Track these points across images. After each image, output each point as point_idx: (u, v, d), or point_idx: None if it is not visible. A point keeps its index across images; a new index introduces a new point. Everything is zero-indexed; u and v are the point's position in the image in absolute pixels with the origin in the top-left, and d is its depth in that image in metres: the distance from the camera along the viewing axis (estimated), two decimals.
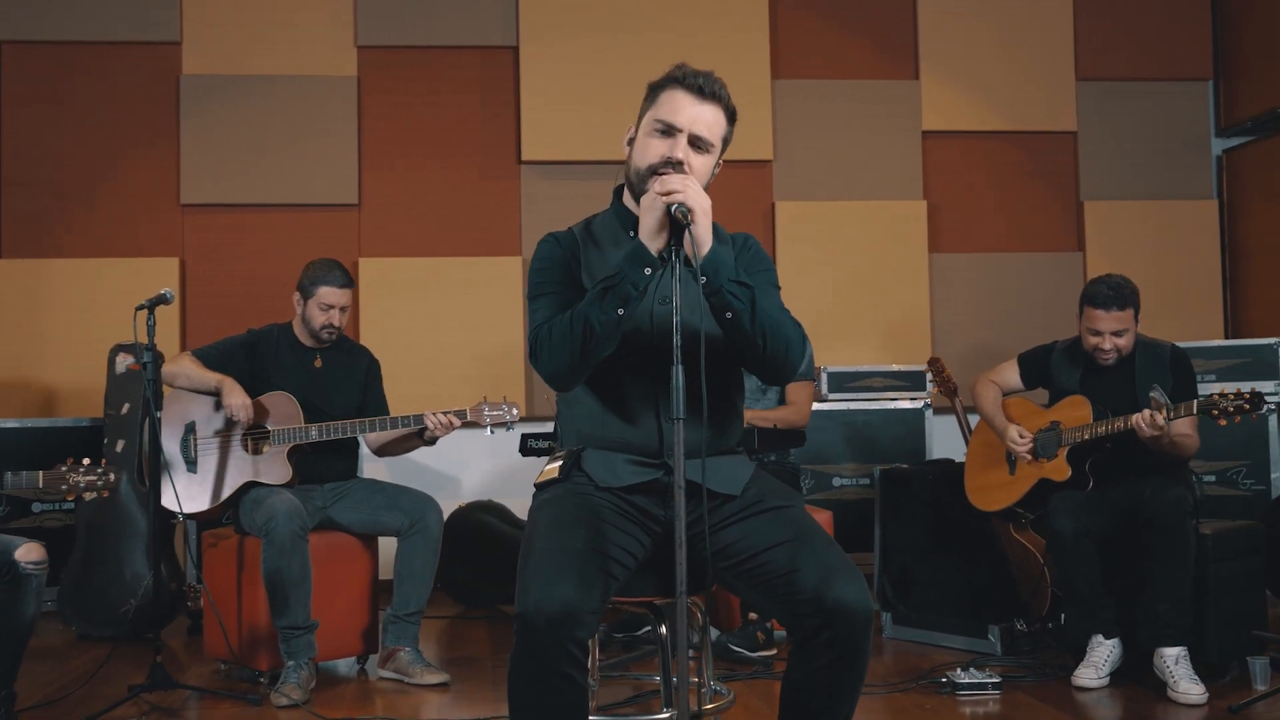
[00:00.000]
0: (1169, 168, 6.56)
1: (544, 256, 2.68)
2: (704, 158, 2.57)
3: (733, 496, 2.52)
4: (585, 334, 2.41)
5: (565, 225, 6.14)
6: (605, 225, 2.71)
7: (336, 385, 4.55)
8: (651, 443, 2.54)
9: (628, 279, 2.38)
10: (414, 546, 4.33)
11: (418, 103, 6.21)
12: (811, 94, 6.36)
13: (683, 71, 2.59)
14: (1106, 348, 4.14)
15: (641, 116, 2.64)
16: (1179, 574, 3.87)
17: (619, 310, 2.39)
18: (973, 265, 6.45)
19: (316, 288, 4.45)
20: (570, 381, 2.52)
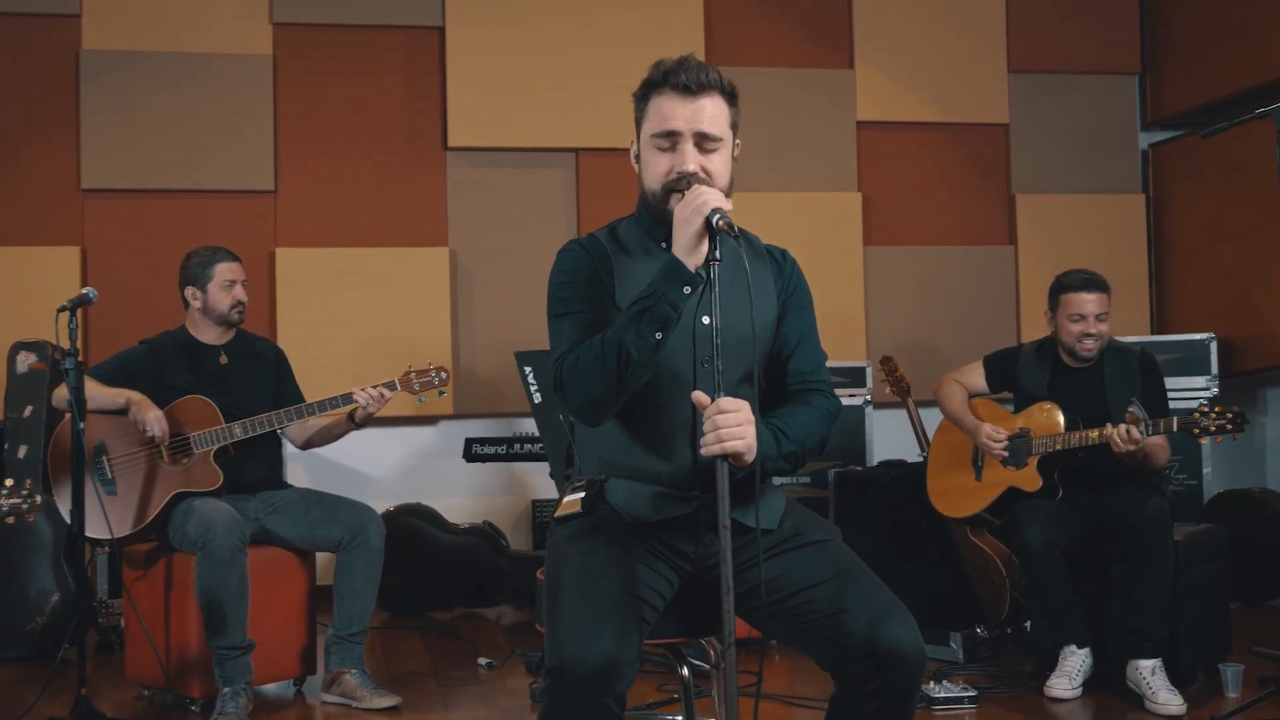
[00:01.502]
0: (1098, 161, 6.57)
1: (568, 268, 2.42)
2: (718, 156, 2.37)
3: (769, 530, 2.34)
4: (621, 362, 2.19)
5: (494, 214, 5.99)
6: (631, 232, 2.49)
7: (247, 381, 4.28)
8: (684, 474, 2.34)
9: (664, 299, 2.17)
10: (355, 561, 4.07)
11: (338, 84, 5.88)
12: (745, 82, 6.13)
13: (661, 70, 2.38)
14: (1092, 332, 4.06)
15: (638, 130, 2.44)
16: (1158, 587, 3.82)
17: (657, 334, 2.18)
18: (906, 258, 6.38)
19: (212, 269, 4.18)
20: (604, 415, 2.30)
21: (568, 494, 2.39)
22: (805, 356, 2.48)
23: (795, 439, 2.32)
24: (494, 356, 5.96)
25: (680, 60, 2.38)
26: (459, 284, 5.96)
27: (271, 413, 4.10)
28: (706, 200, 2.18)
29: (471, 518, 5.87)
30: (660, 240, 2.43)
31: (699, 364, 2.34)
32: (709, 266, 2.17)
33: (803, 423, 2.36)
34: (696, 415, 2.29)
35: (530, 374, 4.14)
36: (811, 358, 2.49)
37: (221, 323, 4.22)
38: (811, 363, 2.48)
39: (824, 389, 2.46)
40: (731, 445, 2.09)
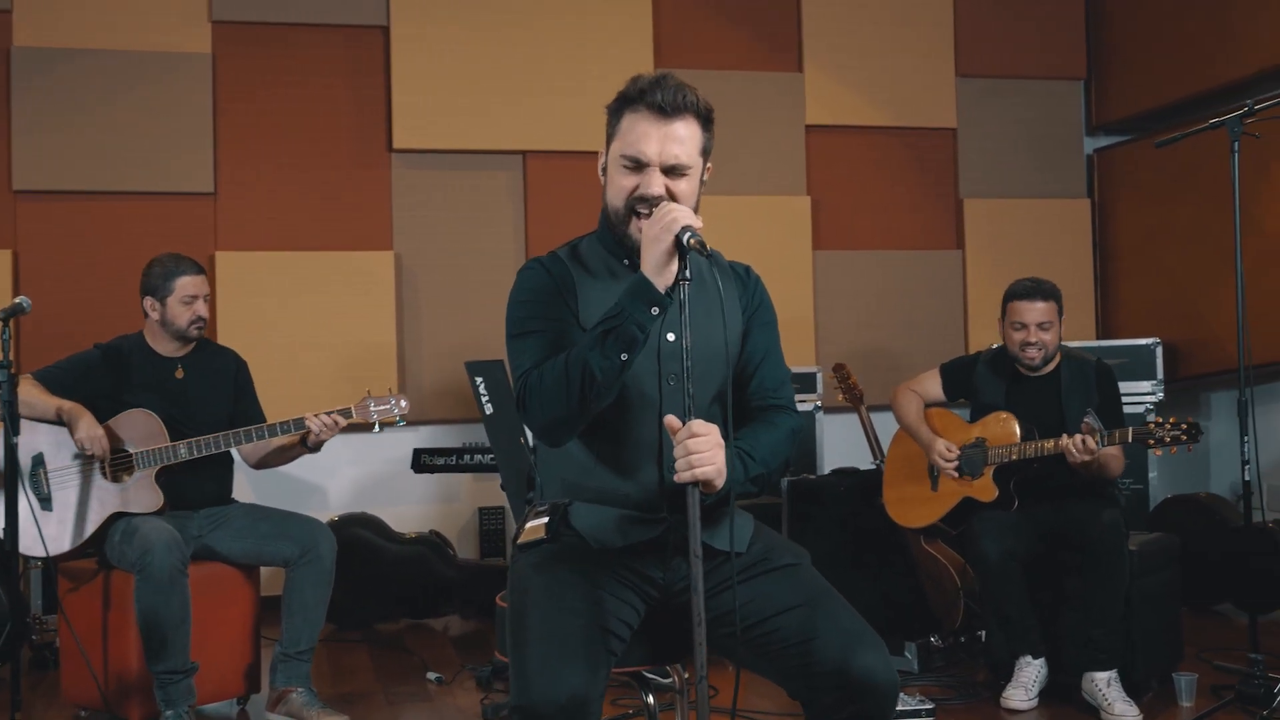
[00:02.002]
0: (1044, 166, 6.60)
1: (530, 286, 2.36)
2: (685, 182, 2.31)
3: (738, 554, 2.29)
4: (584, 382, 2.13)
5: (440, 218, 5.89)
6: (593, 251, 2.42)
7: (203, 396, 4.15)
8: (650, 495, 2.28)
9: (631, 319, 2.11)
10: (305, 578, 3.97)
11: (279, 84, 5.75)
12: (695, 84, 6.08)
13: (638, 88, 2.31)
14: (1032, 340, 4.06)
15: (608, 141, 2.37)
16: (1113, 599, 3.82)
17: (622, 355, 2.12)
18: (855, 263, 6.36)
19: (173, 282, 4.05)
20: (566, 435, 2.24)
21: (530, 519, 2.32)
22: (769, 373, 2.44)
23: (761, 460, 2.28)
24: (441, 363, 5.87)
25: (658, 78, 2.31)
26: (404, 289, 5.85)
27: (220, 434, 3.98)
28: (676, 218, 2.12)
29: (418, 527, 5.77)
30: (623, 260, 2.37)
31: (664, 381, 2.29)
32: (679, 286, 2.11)
33: (767, 443, 2.32)
34: (663, 435, 2.24)
35: (481, 385, 4.06)
36: (775, 374, 2.45)
37: (179, 338, 4.10)
38: (775, 379, 2.45)
39: (787, 405, 2.43)
40: (703, 471, 2.04)
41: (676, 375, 2.28)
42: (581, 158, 5.97)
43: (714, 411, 2.34)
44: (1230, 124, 3.73)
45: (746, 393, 2.42)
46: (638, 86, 2.31)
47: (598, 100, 6.28)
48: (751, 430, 2.33)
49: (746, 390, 2.42)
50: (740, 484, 2.22)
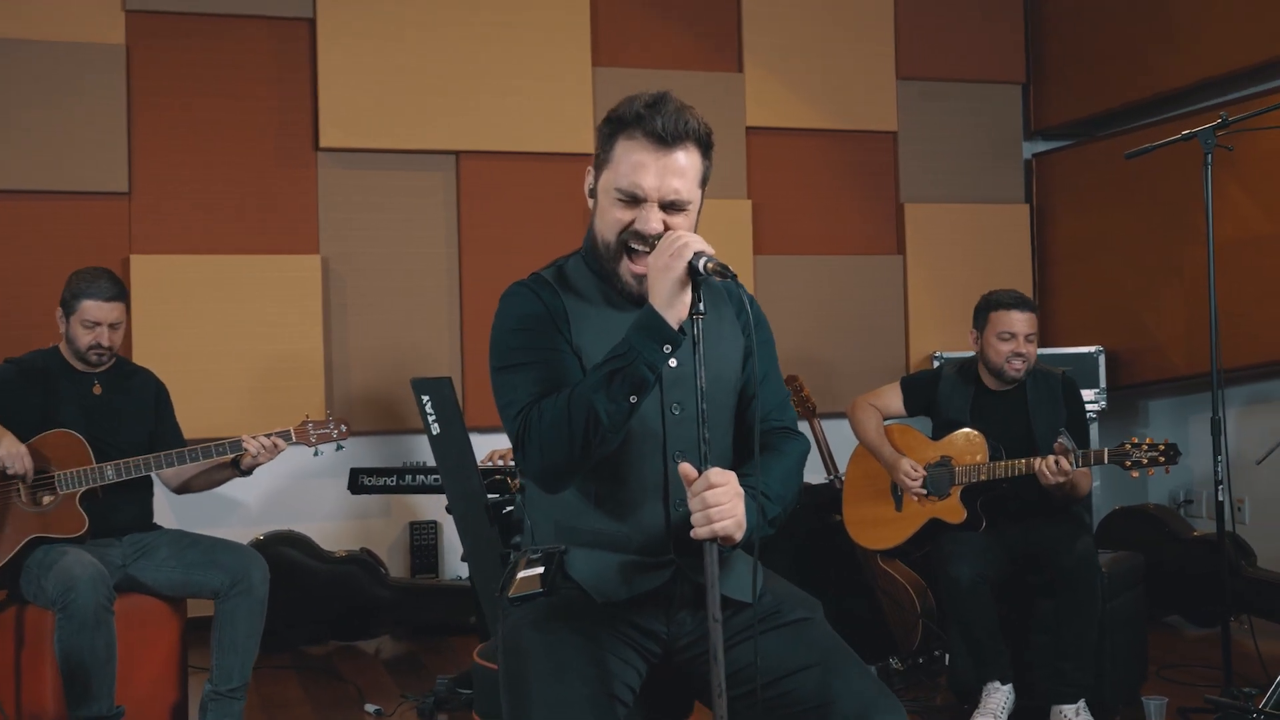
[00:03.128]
0: (984, 170, 6.52)
1: (518, 314, 2.15)
2: (683, 216, 2.13)
3: (747, 604, 2.12)
4: (589, 427, 1.94)
5: (369, 220, 5.63)
6: (581, 274, 2.22)
7: (122, 415, 3.89)
8: (656, 538, 2.09)
9: (642, 359, 1.93)
10: (237, 610, 3.72)
11: (199, 78, 5.43)
12: (633, 84, 5.91)
13: (635, 110, 2.12)
14: (1022, 352, 3.93)
15: (598, 161, 2.17)
16: (1085, 630, 3.71)
17: (631, 398, 1.94)
18: (796, 267, 6.22)
19: (78, 302, 3.77)
20: (566, 482, 2.05)
21: (521, 568, 2.11)
22: (770, 395, 2.28)
23: (778, 497, 2.11)
24: (370, 371, 5.62)
25: (656, 100, 2.12)
26: (332, 294, 5.58)
27: (150, 455, 3.72)
28: (687, 243, 1.94)
29: (346, 543, 5.52)
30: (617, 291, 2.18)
31: (668, 410, 2.11)
32: (693, 320, 1.93)
33: (780, 476, 2.16)
34: (669, 470, 2.06)
35: (428, 403, 3.84)
36: (776, 395, 2.30)
37: (79, 360, 3.82)
38: (776, 400, 2.30)
39: (791, 428, 2.26)
40: (723, 526, 1.87)
41: (680, 404, 2.11)
42: (518, 159, 5.76)
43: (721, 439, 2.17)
44: (1203, 136, 3.65)
45: (752, 416, 2.25)
46: (634, 109, 2.12)
47: (534, 99, 6.06)
48: (762, 463, 2.16)
49: (750, 413, 2.25)
50: (760, 530, 2.04)
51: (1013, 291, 4.02)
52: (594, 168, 2.20)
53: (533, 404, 2.03)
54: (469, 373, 5.67)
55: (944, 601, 3.91)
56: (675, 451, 2.11)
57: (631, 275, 2.12)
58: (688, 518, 2.06)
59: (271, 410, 5.37)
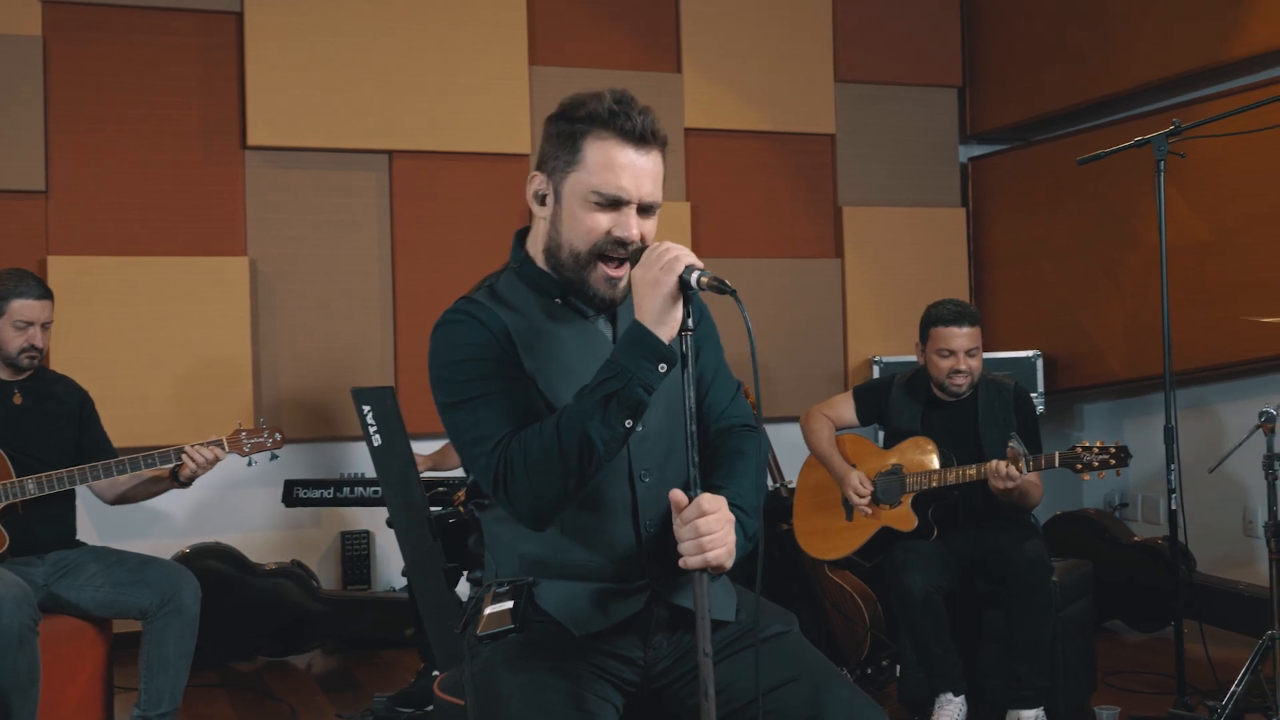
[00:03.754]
0: (921, 174, 6.51)
1: (464, 343, 2.01)
2: (652, 223, 2.05)
3: (725, 623, 2.03)
4: (584, 455, 1.84)
5: (298, 221, 5.46)
6: (515, 290, 2.10)
7: (46, 425, 3.72)
8: (628, 561, 2.00)
9: (637, 380, 1.83)
10: (167, 630, 3.56)
11: (120, 72, 5.22)
12: (571, 84, 5.80)
13: (605, 108, 2.02)
14: (962, 368, 3.89)
15: (556, 164, 2.04)
16: (1039, 634, 3.68)
17: (628, 422, 1.84)
18: (735, 270, 6.14)
19: (8, 303, 3.61)
20: (554, 518, 1.94)
21: (488, 604, 2.00)
22: (721, 391, 2.19)
23: (751, 508, 2.02)
24: (301, 376, 5.44)
25: (623, 98, 2.03)
26: (260, 297, 5.40)
27: (76, 468, 3.55)
28: (678, 256, 1.85)
29: (275, 554, 5.35)
30: (555, 297, 2.06)
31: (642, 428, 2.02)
32: (682, 337, 1.84)
33: (748, 482, 2.07)
34: (636, 490, 1.97)
35: (369, 414, 3.70)
36: (727, 390, 2.21)
37: (8, 365, 3.64)
38: (727, 394, 2.20)
39: (749, 424, 2.17)
40: (715, 555, 1.78)
41: (642, 422, 2.01)
42: (453, 159, 5.63)
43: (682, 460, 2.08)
44: (1156, 143, 3.64)
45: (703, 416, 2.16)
46: (605, 106, 2.02)
47: (469, 97, 5.92)
48: (726, 468, 2.06)
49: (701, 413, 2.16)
50: (742, 549, 1.95)
51: (953, 305, 3.95)
52: (547, 172, 2.07)
53: (509, 437, 1.92)
54: (403, 377, 5.53)
55: (896, 612, 3.86)
56: (640, 471, 2.02)
57: (605, 280, 2.00)
58: (659, 539, 1.97)
59: (199, 418, 5.19)
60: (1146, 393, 5.90)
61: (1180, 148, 3.75)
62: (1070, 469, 3.65)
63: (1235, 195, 5.09)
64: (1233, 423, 5.32)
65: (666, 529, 1.91)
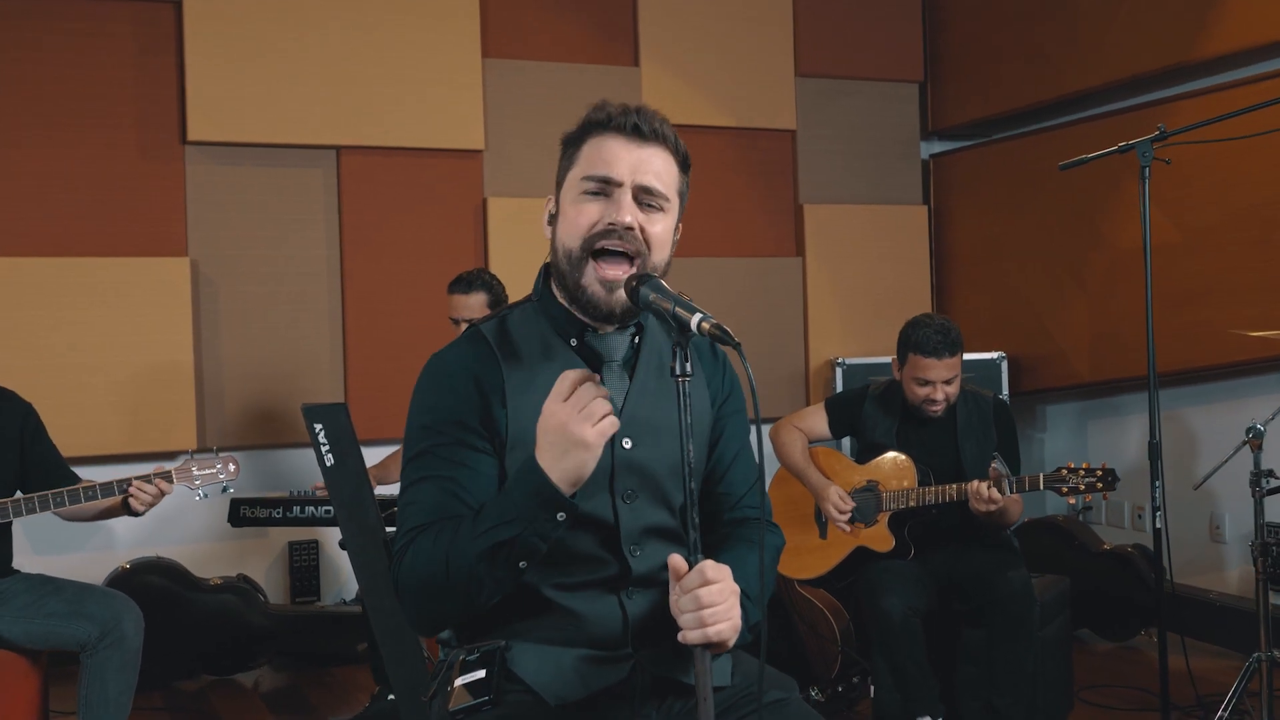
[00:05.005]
0: (882, 171, 6.39)
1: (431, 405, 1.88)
2: (660, 219, 1.87)
3: (721, 687, 1.88)
4: (471, 590, 1.73)
5: (242, 219, 5.24)
6: (529, 327, 1.93)
7: None
8: (611, 627, 1.85)
9: (530, 531, 1.69)
10: (107, 664, 3.35)
11: (50, 62, 4.95)
12: (525, 77, 5.66)
13: (606, 112, 1.88)
14: (938, 398, 3.75)
15: (560, 183, 1.91)
16: (1021, 665, 3.55)
17: (521, 565, 1.72)
18: (694, 270, 5.98)
19: None
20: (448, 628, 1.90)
21: (458, 673, 1.83)
22: (741, 475, 2.02)
23: (756, 599, 1.86)
24: (244, 382, 5.22)
25: (628, 105, 1.89)
26: (202, 299, 5.17)
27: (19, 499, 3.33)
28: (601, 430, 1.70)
29: (222, 567, 5.13)
30: (570, 339, 1.90)
31: (618, 500, 1.86)
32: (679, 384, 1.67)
33: (754, 571, 1.90)
34: (629, 562, 1.81)
35: (321, 432, 3.49)
36: (747, 477, 2.03)
37: None
38: (746, 481, 2.03)
39: (767, 519, 2.01)
40: (717, 630, 1.62)
41: (634, 491, 1.85)
42: (403, 155, 5.42)
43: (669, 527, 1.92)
44: (1140, 148, 3.52)
45: (714, 501, 2.00)
46: (605, 111, 1.88)
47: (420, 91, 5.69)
48: (735, 554, 1.91)
49: (714, 498, 2.00)
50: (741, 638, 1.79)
51: (934, 333, 3.73)
52: (554, 192, 1.94)
53: (409, 544, 1.79)
54: (353, 381, 5.33)
55: (871, 634, 3.72)
56: (630, 545, 1.87)
57: (598, 281, 1.84)
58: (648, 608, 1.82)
59: (139, 427, 4.97)
60: (1112, 394, 5.82)
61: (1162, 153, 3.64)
62: (1055, 492, 3.53)
63: (1205, 196, 5.01)
64: (1203, 429, 5.26)
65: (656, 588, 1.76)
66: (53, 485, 3.42)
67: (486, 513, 1.72)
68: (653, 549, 1.87)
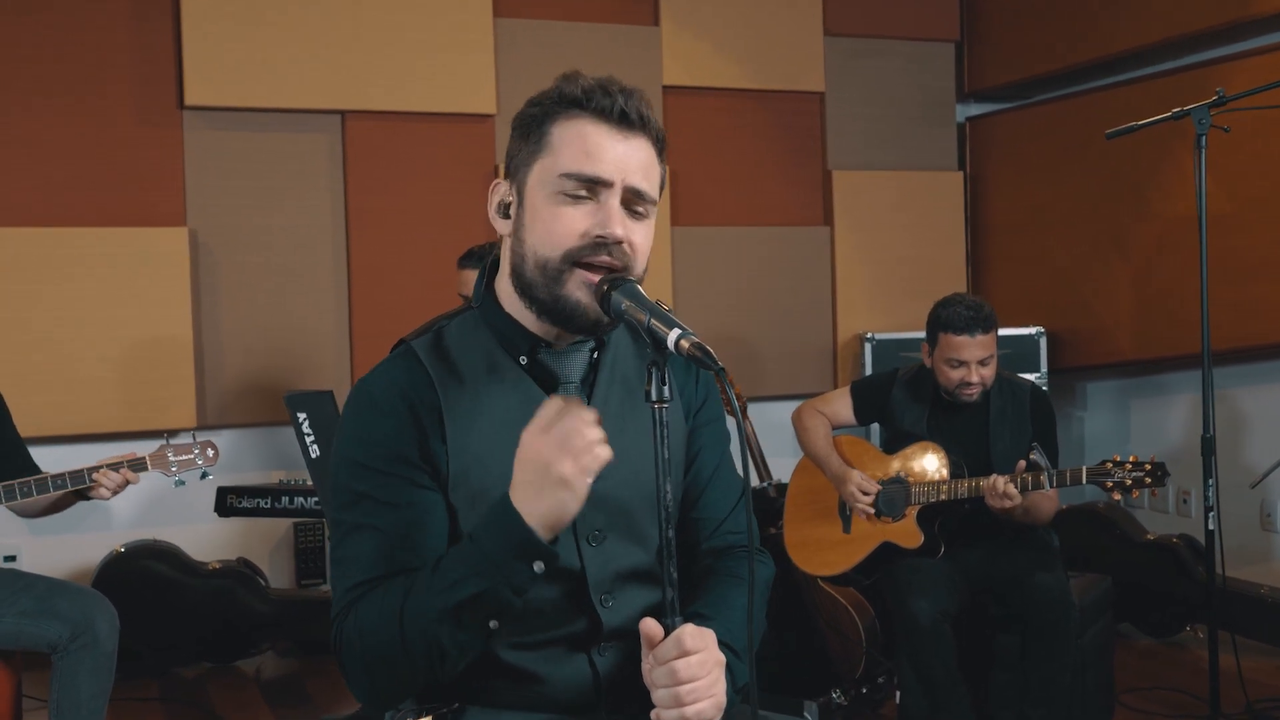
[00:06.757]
0: (917, 135, 6.08)
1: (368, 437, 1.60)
2: (645, 226, 1.62)
3: None
4: (433, 658, 1.49)
5: (243, 187, 4.99)
6: (469, 342, 1.67)
7: None
8: (580, 688, 1.61)
9: (503, 582, 1.45)
10: (79, 667, 3.15)
11: (39, 25, 4.72)
12: (539, 37, 5.38)
13: (580, 87, 1.59)
14: (974, 380, 3.48)
15: (517, 162, 1.63)
16: (1057, 676, 3.31)
17: (491, 624, 1.48)
18: (717, 239, 5.73)
19: None
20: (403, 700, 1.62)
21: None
22: (721, 495, 1.77)
23: (743, 648, 1.62)
24: (245, 356, 5.02)
25: (603, 79, 1.59)
26: (201, 270, 4.95)
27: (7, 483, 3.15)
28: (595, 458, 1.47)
29: (220, 548, 4.95)
30: (520, 354, 1.65)
31: (583, 543, 1.61)
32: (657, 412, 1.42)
33: (742, 617, 1.65)
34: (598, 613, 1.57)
35: (305, 422, 3.29)
36: (728, 495, 1.79)
37: None
38: (727, 502, 1.78)
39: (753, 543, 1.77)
40: (697, 710, 1.38)
41: (601, 531, 1.61)
42: (411, 120, 5.17)
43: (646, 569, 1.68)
44: (1196, 114, 3.23)
45: (690, 529, 1.76)
46: (579, 85, 1.59)
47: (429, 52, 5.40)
48: (717, 593, 1.67)
49: (689, 525, 1.76)
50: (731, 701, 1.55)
51: (964, 308, 3.49)
52: (510, 175, 1.66)
53: (363, 590, 1.52)
54: (359, 356, 5.11)
55: (898, 638, 3.48)
56: (601, 595, 1.63)
57: (585, 287, 1.58)
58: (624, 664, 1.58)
59: (135, 405, 4.78)
60: (1157, 372, 5.53)
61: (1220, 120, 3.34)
62: (1099, 487, 3.27)
63: (1260, 164, 4.69)
64: (1254, 411, 4.97)
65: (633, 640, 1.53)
66: (12, 474, 3.23)
67: (447, 563, 1.49)
68: (629, 596, 1.64)
